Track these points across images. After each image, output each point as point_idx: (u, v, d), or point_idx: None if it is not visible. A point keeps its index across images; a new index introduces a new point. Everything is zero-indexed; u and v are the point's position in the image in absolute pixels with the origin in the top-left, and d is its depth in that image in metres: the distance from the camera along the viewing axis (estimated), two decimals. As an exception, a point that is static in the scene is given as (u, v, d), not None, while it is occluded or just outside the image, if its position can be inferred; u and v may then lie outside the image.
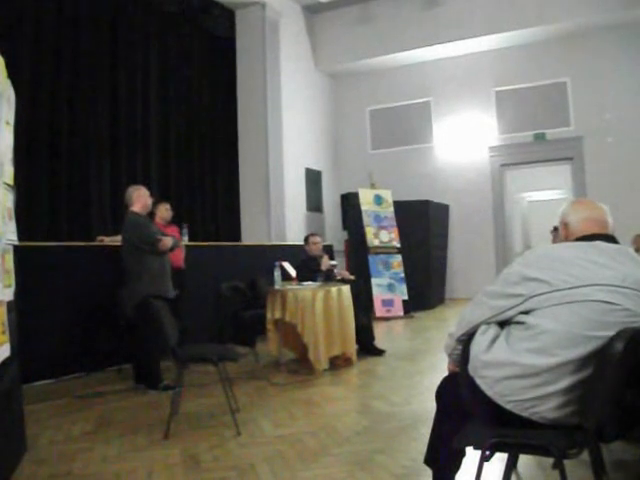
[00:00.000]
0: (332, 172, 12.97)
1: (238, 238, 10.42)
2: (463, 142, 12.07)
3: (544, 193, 13.03)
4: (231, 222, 10.68)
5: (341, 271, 7.88)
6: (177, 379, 4.13)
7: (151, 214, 5.87)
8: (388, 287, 9.96)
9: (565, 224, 2.26)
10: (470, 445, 2.10)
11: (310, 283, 6.08)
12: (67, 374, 5.61)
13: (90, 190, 8.03)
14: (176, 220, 7.04)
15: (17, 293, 3.33)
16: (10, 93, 3.32)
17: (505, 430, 1.99)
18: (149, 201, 5.38)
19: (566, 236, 2.25)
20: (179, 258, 6.36)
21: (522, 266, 2.05)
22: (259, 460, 3.28)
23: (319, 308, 5.62)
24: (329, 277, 6.46)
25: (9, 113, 3.27)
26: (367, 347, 6.46)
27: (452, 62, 12.04)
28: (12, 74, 3.31)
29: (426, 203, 10.84)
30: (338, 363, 5.93)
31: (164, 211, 6.52)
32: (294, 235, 10.46)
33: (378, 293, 9.79)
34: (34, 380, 5.21)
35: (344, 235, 12.02)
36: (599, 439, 1.98)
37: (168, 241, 5.14)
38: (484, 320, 2.10)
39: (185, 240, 7.02)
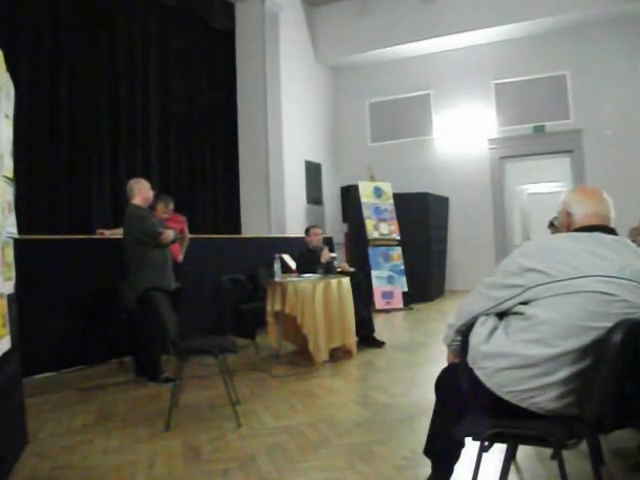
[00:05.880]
0: (332, 164, 12.96)
1: (238, 230, 10.42)
2: (463, 135, 12.05)
3: (544, 185, 13.00)
4: (231, 214, 10.67)
5: (341, 263, 7.90)
6: (177, 371, 4.14)
7: (153, 207, 5.86)
8: (388, 279, 9.97)
9: (568, 213, 2.21)
10: (469, 436, 2.11)
11: (310, 275, 6.09)
12: (68, 367, 5.63)
13: (90, 183, 8.01)
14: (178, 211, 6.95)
15: (17, 286, 3.34)
16: (9, 86, 3.32)
17: (504, 421, 1.99)
18: (150, 194, 5.38)
19: (568, 225, 2.21)
20: (177, 251, 6.33)
21: (521, 257, 2.05)
22: (259, 451, 3.30)
23: (319, 300, 5.63)
24: (329, 269, 6.47)
25: (8, 106, 3.27)
26: (367, 339, 6.47)
27: (452, 55, 12.00)
28: (11, 67, 3.30)
29: (426, 195, 10.84)
30: (338, 355, 5.95)
31: (160, 212, 6.25)
32: (294, 227, 10.47)
33: (378, 285, 9.80)
34: (35, 373, 5.24)
35: (344, 227, 12.03)
36: (597, 430, 1.99)
37: (169, 234, 5.17)
38: (484, 311, 2.11)
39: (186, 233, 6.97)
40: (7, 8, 6.84)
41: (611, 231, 2.11)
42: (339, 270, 6.95)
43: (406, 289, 10.07)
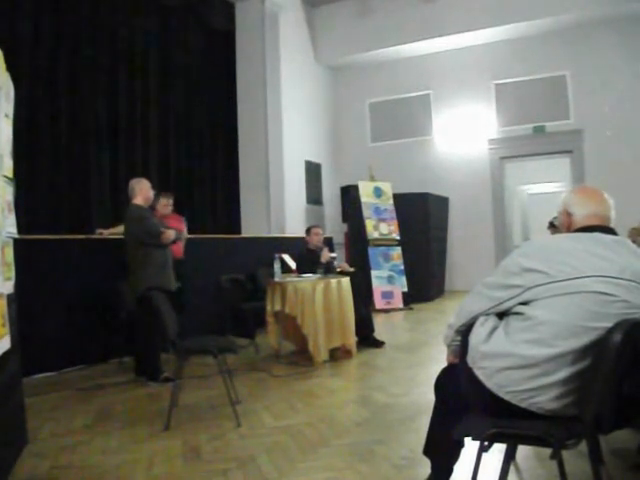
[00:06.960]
0: (332, 164, 12.96)
1: (238, 230, 10.42)
2: (463, 135, 12.05)
3: (544, 186, 13.01)
4: (231, 214, 10.69)
5: (341, 263, 7.89)
6: (177, 371, 4.14)
7: (153, 206, 5.86)
8: (388, 279, 9.97)
9: (569, 213, 2.21)
10: (469, 436, 2.10)
11: (310, 275, 6.09)
12: (68, 367, 5.63)
13: (90, 183, 8.02)
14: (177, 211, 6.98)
15: (17, 286, 3.34)
16: (9, 86, 3.31)
17: (503, 421, 1.99)
18: (151, 193, 5.39)
19: (568, 225, 2.21)
20: (179, 249, 6.34)
21: (521, 257, 2.04)
22: (259, 451, 3.30)
23: (319, 300, 5.64)
24: (329, 269, 6.47)
25: (8, 106, 3.26)
26: (367, 339, 6.47)
27: (452, 55, 12.01)
28: (11, 67, 3.30)
29: (426, 195, 10.84)
30: (338, 355, 5.95)
31: (163, 207, 6.38)
32: (294, 228, 10.47)
33: (378, 285, 9.81)
34: (35, 373, 5.24)
35: (344, 227, 12.03)
36: (597, 430, 1.98)
37: (171, 234, 5.18)
38: (483, 311, 2.10)
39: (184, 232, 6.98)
40: (7, 8, 6.84)
41: (611, 231, 2.11)
42: (339, 270, 6.95)
43: (406, 289, 10.07)
